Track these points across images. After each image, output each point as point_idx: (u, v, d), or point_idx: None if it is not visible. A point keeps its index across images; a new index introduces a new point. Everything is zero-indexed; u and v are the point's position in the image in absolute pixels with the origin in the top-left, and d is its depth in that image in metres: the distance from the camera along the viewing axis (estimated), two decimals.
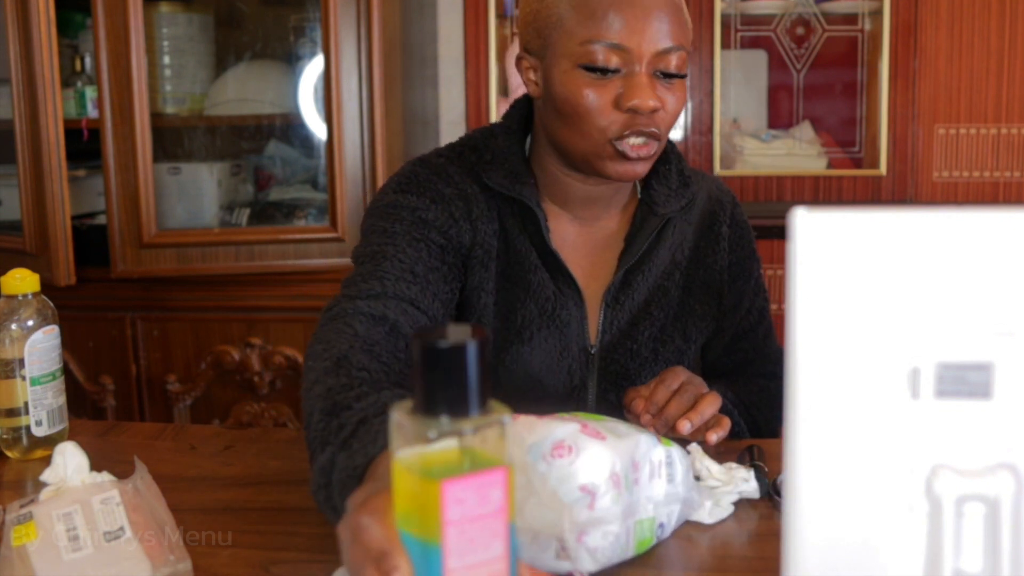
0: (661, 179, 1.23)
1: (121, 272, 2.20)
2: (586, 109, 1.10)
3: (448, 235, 1.15)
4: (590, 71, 1.09)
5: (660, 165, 1.24)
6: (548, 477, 0.80)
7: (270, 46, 2.50)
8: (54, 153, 2.09)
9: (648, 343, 1.22)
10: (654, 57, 1.09)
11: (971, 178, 2.44)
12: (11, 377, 1.11)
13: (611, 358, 1.21)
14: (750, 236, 1.32)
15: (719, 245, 1.28)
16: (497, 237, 1.19)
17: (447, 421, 0.58)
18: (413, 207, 1.15)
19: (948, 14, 2.39)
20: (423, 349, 0.58)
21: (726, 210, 1.30)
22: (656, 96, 1.09)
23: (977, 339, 0.54)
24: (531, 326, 1.18)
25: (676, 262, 1.25)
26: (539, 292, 1.18)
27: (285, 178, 2.53)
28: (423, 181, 1.17)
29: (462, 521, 0.57)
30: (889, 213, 0.55)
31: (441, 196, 1.16)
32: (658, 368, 1.22)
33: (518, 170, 1.18)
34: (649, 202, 1.22)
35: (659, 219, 1.21)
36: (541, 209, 1.17)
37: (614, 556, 0.82)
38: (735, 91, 2.63)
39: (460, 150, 1.23)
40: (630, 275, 1.22)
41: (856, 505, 0.56)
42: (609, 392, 1.21)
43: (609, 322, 1.21)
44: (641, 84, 1.08)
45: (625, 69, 1.09)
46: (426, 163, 1.20)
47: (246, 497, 1.01)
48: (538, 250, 1.18)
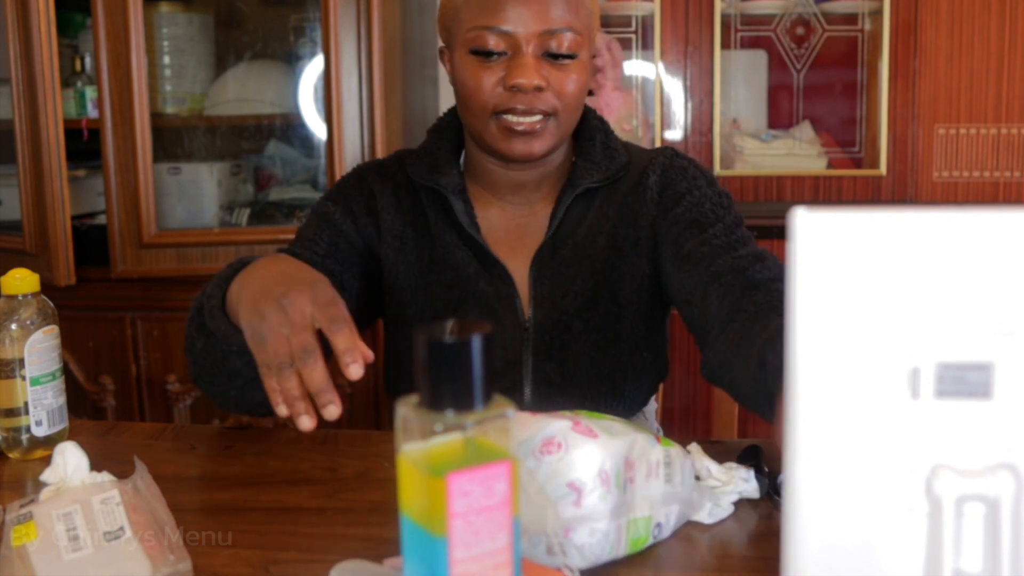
0: (584, 155, 1.28)
1: (121, 272, 2.20)
2: (473, 89, 1.18)
3: (342, 228, 1.28)
4: (478, 55, 1.17)
5: (585, 141, 1.29)
6: (536, 473, 0.81)
7: (270, 46, 2.50)
8: (54, 153, 2.09)
9: (579, 312, 1.24)
10: (539, 38, 1.15)
11: (971, 178, 2.44)
12: (11, 377, 1.11)
13: (543, 331, 1.24)
14: (694, 172, 1.27)
15: (646, 197, 1.26)
16: (411, 227, 1.28)
17: (452, 415, 0.59)
18: (326, 213, 1.29)
19: (948, 14, 2.39)
20: (428, 345, 0.59)
21: (657, 164, 1.28)
22: (539, 76, 1.15)
23: (977, 339, 0.54)
24: (454, 303, 1.25)
25: (602, 228, 1.26)
26: (462, 271, 1.25)
27: (285, 178, 2.53)
28: (342, 188, 1.32)
29: (468, 513, 0.58)
30: (889, 213, 0.55)
31: (347, 198, 1.30)
32: (591, 337, 1.24)
33: (439, 162, 1.27)
34: (572, 177, 1.26)
35: (575, 188, 1.25)
36: (460, 195, 1.25)
37: (604, 554, 0.82)
38: (735, 91, 2.63)
39: (402, 152, 1.35)
40: (557, 248, 1.25)
41: (856, 505, 0.56)
42: (543, 363, 1.23)
43: (539, 296, 1.24)
44: (523, 64, 1.15)
45: (511, 51, 1.16)
46: (358, 171, 1.35)
47: (246, 497, 1.01)
48: (459, 233, 1.26)
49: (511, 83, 1.15)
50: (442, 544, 0.58)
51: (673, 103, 2.47)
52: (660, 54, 2.42)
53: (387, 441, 1.10)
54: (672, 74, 2.45)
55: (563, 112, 1.19)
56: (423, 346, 0.60)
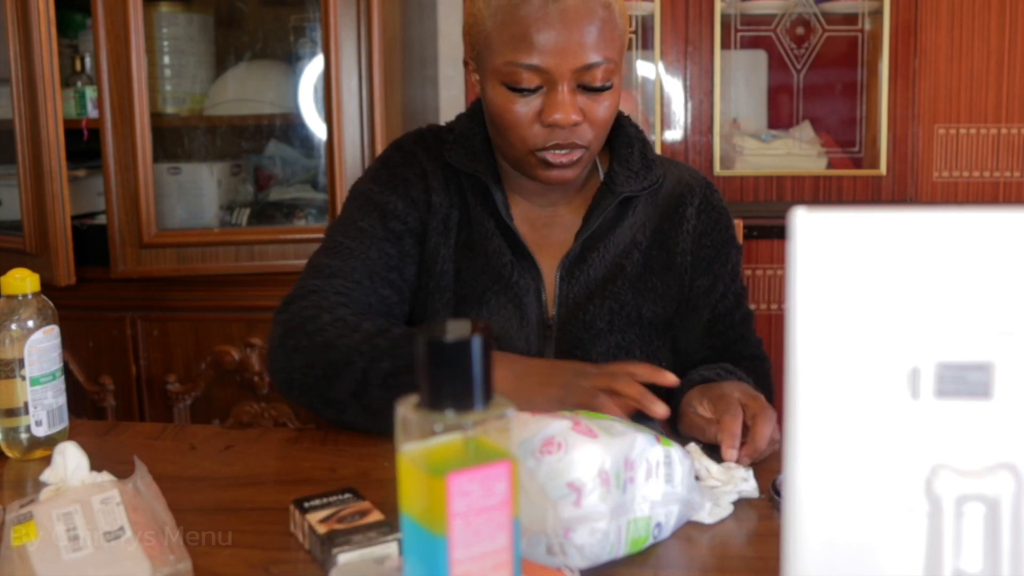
0: (623, 162, 1.28)
1: (121, 272, 2.20)
2: (509, 123, 1.17)
3: (407, 221, 1.26)
4: (512, 90, 1.16)
5: (622, 149, 1.29)
6: (536, 473, 0.81)
7: (270, 46, 2.49)
8: (54, 153, 2.09)
9: (604, 316, 1.25)
10: (575, 73, 1.14)
11: (971, 178, 2.43)
12: (11, 377, 1.11)
13: (567, 329, 1.25)
14: (728, 222, 1.34)
15: (683, 228, 1.29)
16: (457, 208, 1.27)
17: (452, 415, 0.60)
18: (380, 202, 1.26)
19: (948, 14, 2.38)
20: (428, 345, 0.59)
21: (696, 194, 1.31)
22: (577, 110, 1.15)
23: (977, 339, 0.54)
24: (488, 291, 1.24)
25: (636, 242, 1.28)
26: (495, 259, 1.24)
27: (285, 178, 2.53)
28: (392, 167, 1.29)
29: (468, 513, 0.58)
30: (889, 213, 0.55)
31: (404, 182, 1.27)
32: (612, 339, 1.25)
33: (477, 150, 1.27)
34: (609, 183, 1.27)
35: (615, 196, 1.26)
36: (498, 186, 1.26)
37: (603, 554, 0.82)
38: (735, 91, 2.62)
39: (436, 130, 1.33)
40: (587, 251, 1.26)
41: (856, 505, 0.56)
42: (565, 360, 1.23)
43: (565, 295, 1.25)
44: (560, 101, 1.14)
45: (547, 86, 1.15)
46: (401, 147, 1.32)
47: (246, 497, 1.01)
48: (496, 221, 1.26)
49: (549, 120, 1.15)
50: (442, 544, 0.58)
51: (673, 103, 2.47)
52: (660, 54, 2.42)
53: (387, 441, 1.10)
54: (672, 74, 2.45)
55: (596, 142, 1.20)
56: (423, 346, 0.60)
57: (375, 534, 0.84)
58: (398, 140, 1.33)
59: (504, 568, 0.60)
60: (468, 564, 0.58)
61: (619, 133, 1.30)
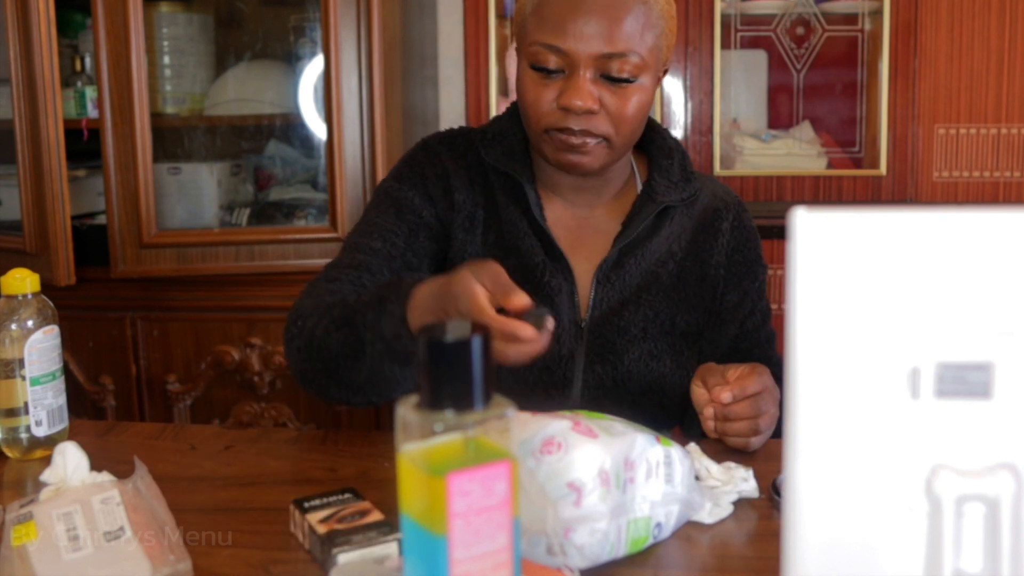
0: (663, 172, 1.29)
1: (121, 272, 2.20)
2: (530, 103, 1.19)
3: (421, 215, 1.26)
4: (537, 71, 1.17)
5: (662, 159, 1.30)
6: (536, 473, 0.81)
7: (270, 46, 2.49)
8: (54, 153, 2.08)
9: (637, 322, 1.25)
10: (595, 61, 1.15)
11: (971, 178, 2.43)
12: (11, 377, 1.11)
13: (600, 333, 1.24)
14: (757, 242, 1.36)
15: (717, 242, 1.31)
16: (483, 208, 1.27)
17: (452, 415, 0.60)
18: (397, 198, 1.27)
19: (948, 14, 2.38)
20: (428, 345, 0.59)
21: (730, 211, 1.33)
22: (593, 98, 1.15)
23: (977, 339, 0.54)
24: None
25: (672, 252, 1.29)
26: (527, 258, 1.24)
27: (285, 178, 2.53)
28: (413, 165, 1.30)
29: (468, 513, 0.58)
30: (889, 213, 0.55)
31: (423, 179, 1.28)
32: (646, 346, 1.25)
33: (514, 149, 1.27)
34: (649, 192, 1.27)
35: (656, 205, 1.26)
36: (532, 185, 1.25)
37: (603, 554, 0.82)
38: (735, 91, 2.62)
39: (467, 131, 1.34)
40: (624, 256, 1.26)
41: (856, 505, 0.56)
42: (596, 364, 1.24)
43: (600, 298, 1.25)
44: (576, 85, 1.15)
45: (569, 70, 1.16)
46: (427, 146, 1.32)
47: (246, 497, 1.01)
48: (528, 221, 1.26)
49: (562, 103, 1.15)
50: (442, 544, 0.58)
51: (673, 103, 2.47)
52: None
53: (387, 441, 1.10)
54: (672, 74, 2.45)
55: (617, 136, 1.19)
56: (423, 346, 0.60)
57: (375, 534, 0.84)
58: (426, 138, 1.34)
59: (504, 568, 0.60)
60: (468, 564, 0.58)
61: (659, 143, 1.31)
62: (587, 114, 1.16)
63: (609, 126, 1.17)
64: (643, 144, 1.32)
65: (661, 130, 1.33)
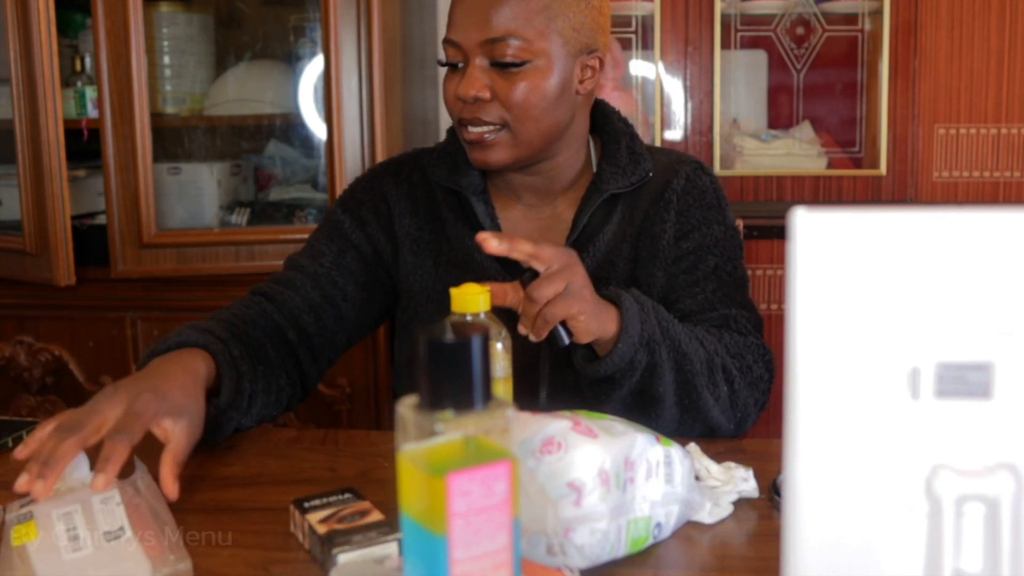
0: (609, 158, 1.27)
1: (121, 272, 2.20)
2: (444, 100, 1.22)
3: (351, 238, 1.29)
4: (445, 67, 1.20)
5: (611, 145, 1.28)
6: (536, 473, 0.81)
7: (270, 46, 2.49)
8: (54, 153, 2.09)
9: None
10: (480, 48, 1.16)
11: (971, 178, 2.43)
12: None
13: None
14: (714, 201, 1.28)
15: (667, 211, 1.25)
16: (431, 229, 1.28)
17: (452, 415, 0.59)
18: (334, 221, 1.31)
19: (948, 14, 2.38)
20: (428, 345, 0.59)
21: (680, 175, 1.27)
22: (481, 86, 1.16)
23: (977, 339, 0.54)
24: None
25: (625, 236, 1.26)
26: (481, 271, 1.23)
27: (285, 178, 2.53)
28: (355, 190, 1.34)
29: (468, 513, 0.58)
30: (889, 213, 0.55)
31: (359, 204, 1.31)
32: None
33: (459, 163, 1.27)
34: (597, 181, 1.26)
35: (600, 194, 1.24)
36: (481, 197, 1.26)
37: (604, 554, 0.82)
38: (735, 91, 2.62)
39: (419, 152, 1.36)
40: (578, 251, 1.22)
41: (856, 505, 0.56)
42: (563, 368, 1.21)
43: None
44: (465, 75, 1.17)
45: (465, 63, 1.18)
46: (372, 173, 1.35)
47: (246, 497, 1.01)
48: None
49: (457, 95, 1.17)
50: (442, 544, 0.58)
51: (673, 103, 2.47)
52: (660, 54, 2.42)
53: (387, 441, 1.10)
54: (672, 74, 2.45)
55: (516, 122, 1.17)
56: (423, 346, 0.60)
57: (375, 534, 0.84)
58: (374, 165, 1.38)
59: (504, 568, 0.60)
60: (468, 564, 0.58)
61: (608, 129, 1.29)
62: (479, 102, 1.16)
63: (503, 112, 1.17)
64: (597, 130, 1.31)
65: (611, 113, 1.30)
